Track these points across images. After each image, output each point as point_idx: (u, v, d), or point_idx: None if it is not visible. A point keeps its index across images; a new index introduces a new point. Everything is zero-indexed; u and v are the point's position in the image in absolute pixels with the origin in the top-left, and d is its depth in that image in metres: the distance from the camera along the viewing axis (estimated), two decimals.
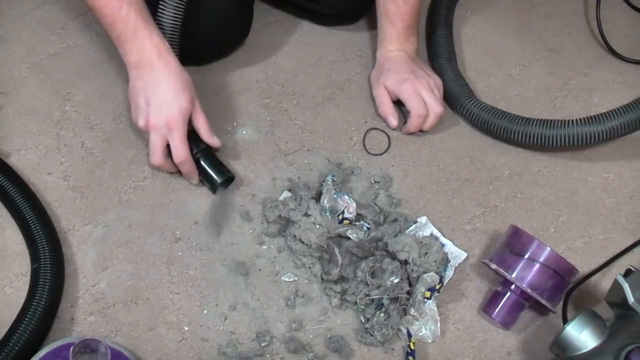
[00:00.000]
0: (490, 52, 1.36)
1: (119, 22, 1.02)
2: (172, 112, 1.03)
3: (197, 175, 1.09)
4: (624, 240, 1.10)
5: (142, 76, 1.04)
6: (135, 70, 1.05)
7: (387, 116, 1.21)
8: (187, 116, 1.04)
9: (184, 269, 1.03)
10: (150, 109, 1.03)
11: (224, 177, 1.08)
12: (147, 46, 1.03)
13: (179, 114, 1.03)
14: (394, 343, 0.99)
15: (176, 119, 1.03)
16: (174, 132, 1.03)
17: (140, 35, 1.03)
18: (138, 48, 1.03)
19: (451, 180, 1.16)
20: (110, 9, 1.02)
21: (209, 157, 1.09)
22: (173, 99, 1.03)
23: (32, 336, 0.91)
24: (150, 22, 1.04)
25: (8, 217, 1.05)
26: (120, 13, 1.02)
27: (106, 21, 1.04)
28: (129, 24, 1.02)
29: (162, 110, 1.03)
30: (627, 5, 1.46)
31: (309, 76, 1.28)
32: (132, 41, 1.03)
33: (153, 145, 1.05)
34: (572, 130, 1.11)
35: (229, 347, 0.96)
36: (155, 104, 1.03)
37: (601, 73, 1.34)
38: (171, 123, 1.03)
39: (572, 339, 0.87)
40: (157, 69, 1.03)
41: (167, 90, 1.03)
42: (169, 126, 1.03)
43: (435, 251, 1.01)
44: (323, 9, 1.31)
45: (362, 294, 0.99)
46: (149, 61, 1.03)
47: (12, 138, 1.14)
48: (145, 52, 1.03)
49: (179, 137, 1.04)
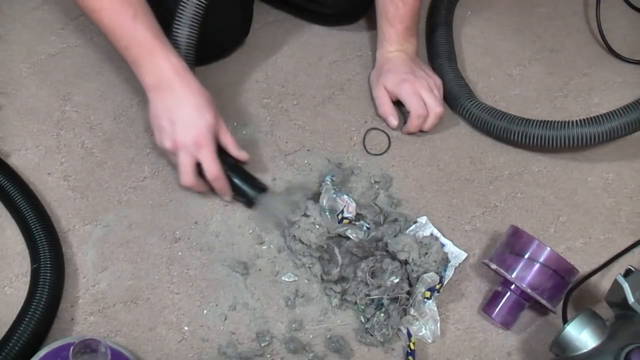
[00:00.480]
0: (490, 52, 1.36)
1: (134, 44, 1.01)
2: (200, 130, 1.01)
3: (230, 192, 1.07)
4: (624, 240, 1.10)
5: (163, 97, 1.02)
6: (155, 92, 1.03)
7: (388, 116, 1.21)
8: (214, 132, 1.02)
9: (184, 269, 1.03)
10: (176, 128, 1.01)
11: (258, 191, 1.07)
12: (164, 67, 1.01)
13: (206, 130, 1.01)
14: (394, 343, 0.99)
15: (205, 135, 1.01)
16: (203, 149, 1.01)
17: (157, 56, 1.01)
18: (155, 69, 1.01)
19: (451, 180, 1.16)
20: (124, 32, 1.01)
21: (239, 171, 1.07)
22: (199, 116, 1.01)
23: (32, 336, 0.91)
24: (166, 42, 1.03)
25: (8, 217, 1.05)
26: (135, 35, 1.00)
27: (121, 44, 1.02)
28: (145, 46, 1.01)
29: (189, 129, 1.01)
30: (627, 5, 1.46)
31: (309, 76, 1.28)
32: (149, 63, 1.01)
33: (183, 165, 1.02)
34: (572, 131, 1.11)
35: (229, 347, 0.96)
36: (181, 124, 1.01)
37: (601, 73, 1.34)
38: (200, 140, 1.01)
39: (572, 339, 0.87)
40: (177, 89, 1.01)
41: (190, 108, 1.01)
42: (198, 144, 1.01)
43: (435, 251, 1.01)
44: (323, 9, 1.31)
45: (362, 294, 0.99)
46: (168, 81, 1.01)
47: (12, 138, 1.14)
48: (164, 73, 1.01)
49: (209, 153, 1.02)
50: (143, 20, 1.01)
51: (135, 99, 1.21)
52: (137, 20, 1.00)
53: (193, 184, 1.04)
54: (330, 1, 1.29)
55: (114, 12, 1.00)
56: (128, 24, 1.00)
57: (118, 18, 1.00)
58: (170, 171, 1.12)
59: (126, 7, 1.00)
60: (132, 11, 1.00)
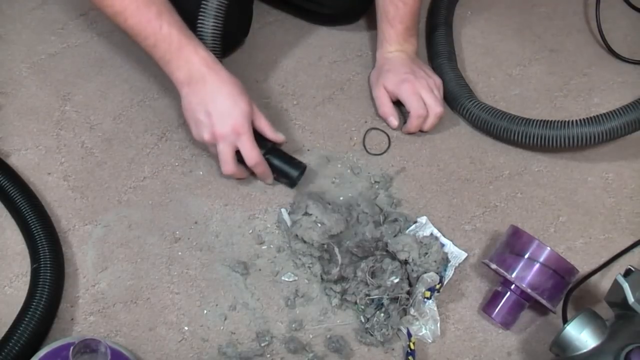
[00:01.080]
0: (490, 52, 1.36)
1: (162, 42, 1.02)
2: (237, 118, 1.02)
3: (271, 175, 1.09)
4: (624, 240, 1.10)
5: (196, 91, 1.03)
6: (187, 87, 1.04)
7: (388, 117, 1.21)
8: (250, 118, 1.04)
9: (184, 269, 1.03)
10: (214, 120, 1.02)
11: (300, 170, 1.09)
12: (194, 61, 1.02)
13: (243, 118, 1.03)
14: (394, 343, 0.99)
15: (242, 123, 1.03)
16: (242, 136, 1.03)
17: (186, 51, 1.02)
18: (186, 64, 1.02)
19: (451, 180, 1.16)
20: (150, 30, 1.01)
21: (278, 153, 1.10)
22: (234, 105, 1.03)
23: (32, 336, 0.91)
24: (193, 36, 1.04)
25: (8, 217, 1.05)
26: (162, 32, 1.01)
27: (148, 43, 1.03)
28: (173, 42, 1.02)
29: (226, 119, 1.02)
30: (627, 5, 1.46)
31: (309, 76, 1.28)
32: (179, 59, 1.02)
33: (223, 154, 1.04)
34: (572, 131, 1.11)
35: (229, 347, 0.96)
36: (218, 115, 1.02)
37: (601, 73, 1.34)
38: (238, 128, 1.02)
39: (572, 339, 0.87)
40: (209, 81, 1.03)
41: (225, 98, 1.03)
42: (236, 132, 1.03)
43: (435, 251, 1.01)
44: (323, 9, 1.31)
45: (362, 294, 0.99)
46: (200, 75, 1.03)
47: (12, 138, 1.14)
48: (194, 67, 1.02)
49: (248, 140, 1.04)
50: (168, 18, 1.02)
51: (135, 99, 1.21)
52: (162, 18, 1.01)
53: (234, 171, 1.06)
54: (329, 1, 1.29)
55: (139, 12, 1.01)
56: (153, 22, 1.01)
57: (143, 17, 1.01)
58: (171, 171, 1.13)
59: (150, 6, 1.01)
60: (156, 9, 1.01)
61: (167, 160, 1.14)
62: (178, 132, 1.17)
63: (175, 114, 1.19)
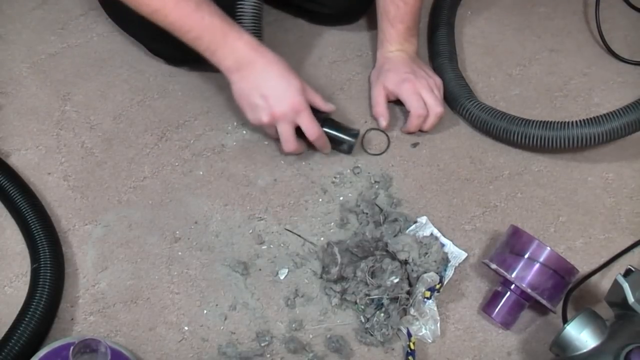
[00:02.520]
0: (490, 52, 1.36)
1: (205, 33, 1.02)
2: (293, 95, 1.05)
3: (329, 145, 1.13)
4: (624, 240, 1.10)
5: (246, 77, 1.05)
6: (237, 73, 1.05)
7: (378, 117, 1.21)
8: (304, 93, 1.06)
9: (184, 269, 1.03)
10: (271, 101, 1.04)
11: (354, 137, 1.13)
12: (240, 47, 1.04)
13: (299, 94, 1.05)
14: (394, 343, 0.99)
15: (300, 100, 1.05)
16: (301, 113, 1.05)
17: (231, 38, 1.03)
18: (233, 51, 1.03)
19: (451, 180, 1.16)
20: (192, 23, 1.02)
21: (332, 123, 1.13)
22: (288, 84, 1.05)
23: (32, 336, 0.91)
24: (234, 23, 1.05)
25: (8, 217, 1.05)
26: (204, 23, 1.02)
27: (191, 36, 1.03)
28: (216, 31, 1.02)
29: (283, 98, 1.04)
30: (627, 5, 1.46)
31: (309, 76, 1.27)
32: (224, 47, 1.03)
33: (284, 133, 1.07)
34: (572, 131, 1.11)
35: (229, 347, 0.96)
36: (274, 96, 1.04)
37: (601, 73, 1.34)
38: (297, 105, 1.05)
39: (572, 339, 0.87)
40: (258, 64, 1.04)
41: (277, 78, 1.05)
42: (295, 110, 1.05)
43: (435, 251, 1.01)
44: (322, 9, 1.31)
45: (362, 293, 0.99)
46: (248, 60, 1.04)
47: (12, 138, 1.14)
48: (241, 53, 1.04)
49: (307, 116, 1.06)
50: (207, 8, 1.03)
51: (135, 99, 1.21)
52: (202, 9, 1.02)
53: (296, 148, 1.10)
54: (329, 1, 1.29)
55: (178, 7, 1.01)
56: (194, 15, 1.01)
57: (183, 11, 1.02)
58: (171, 171, 1.13)
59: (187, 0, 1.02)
60: (194, 1, 1.02)
61: (167, 160, 1.14)
62: (178, 132, 1.17)
63: (175, 114, 1.19)
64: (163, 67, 1.25)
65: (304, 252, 1.06)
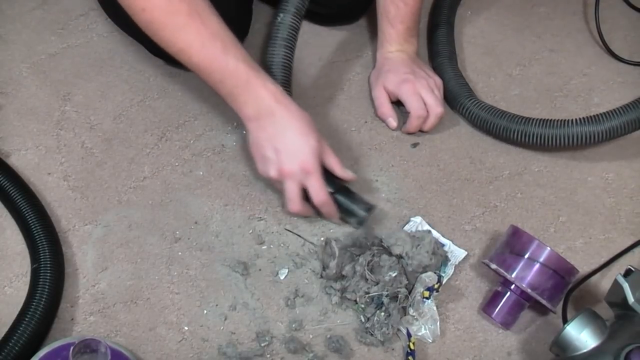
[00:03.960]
0: (490, 52, 1.36)
1: (229, 77, 0.98)
2: (306, 156, 0.99)
3: (338, 215, 1.06)
4: (624, 240, 1.10)
5: (264, 127, 1.00)
6: (256, 122, 1.00)
7: (387, 117, 1.21)
8: (320, 156, 1.01)
9: (184, 269, 1.03)
10: (282, 157, 0.99)
11: (367, 211, 1.05)
12: (263, 95, 0.99)
13: (312, 156, 1.00)
14: (394, 343, 0.99)
15: (311, 162, 0.99)
16: (311, 175, 1.00)
17: (254, 85, 0.99)
18: (254, 99, 0.99)
19: (451, 180, 1.16)
20: (217, 67, 0.98)
21: (346, 192, 1.06)
22: (303, 143, 0.99)
23: (32, 336, 0.91)
24: (260, 70, 1.01)
25: (8, 217, 1.05)
26: (229, 68, 0.97)
27: (215, 78, 0.99)
28: (240, 77, 0.98)
29: (294, 157, 0.99)
30: (626, 5, 1.46)
31: (309, 76, 1.28)
32: (247, 93, 0.99)
33: (290, 192, 1.01)
34: (572, 129, 1.11)
35: (229, 347, 0.96)
36: (286, 152, 0.99)
37: (601, 73, 1.34)
38: (307, 167, 0.99)
39: (572, 339, 0.87)
40: (278, 116, 0.99)
41: (294, 135, 0.99)
42: (305, 170, 1.00)
43: (427, 243, 1.00)
44: (322, 9, 1.31)
45: (362, 291, 0.99)
46: (269, 110, 0.99)
47: (12, 138, 1.14)
48: (263, 102, 0.99)
49: (316, 179, 1.00)
50: (234, 52, 0.98)
51: (135, 99, 1.21)
52: (229, 53, 0.98)
53: (300, 210, 1.03)
54: (329, 1, 1.29)
55: (204, 49, 0.97)
56: (220, 58, 0.97)
57: (209, 54, 0.97)
58: (171, 171, 1.13)
59: (215, 41, 0.97)
60: (221, 45, 0.97)
61: (167, 160, 1.14)
62: (178, 132, 1.17)
63: (175, 114, 1.19)
64: (163, 67, 1.25)
65: (304, 252, 1.06)
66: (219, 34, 0.98)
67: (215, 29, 0.98)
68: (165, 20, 0.97)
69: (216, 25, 0.98)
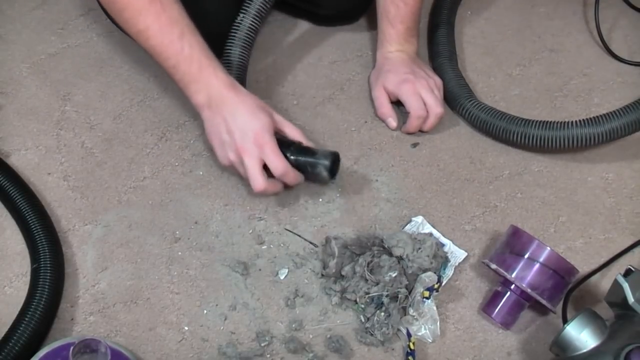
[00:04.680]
0: (490, 52, 1.36)
1: (182, 63, 1.01)
2: (256, 130, 1.00)
3: (302, 179, 1.06)
4: (624, 240, 1.10)
5: (217, 113, 1.02)
6: (208, 110, 1.03)
7: (387, 117, 1.21)
8: (271, 129, 1.02)
9: (184, 269, 1.03)
10: (235, 136, 1.01)
11: (331, 158, 1.04)
12: (214, 83, 1.02)
13: (263, 129, 1.01)
14: (394, 343, 0.99)
15: (262, 135, 1.00)
16: (265, 147, 1.00)
17: (206, 73, 1.01)
18: (206, 87, 1.02)
19: (451, 180, 1.16)
20: (172, 52, 1.01)
21: (305, 151, 1.05)
22: (254, 119, 1.01)
23: (32, 336, 0.91)
24: (214, 58, 1.03)
25: (8, 217, 1.05)
26: (184, 54, 1.00)
27: (169, 64, 1.02)
28: (193, 64, 1.01)
29: (246, 133, 1.00)
30: (626, 5, 1.46)
31: (309, 76, 1.28)
32: (199, 81, 1.02)
33: (251, 169, 1.01)
34: (572, 131, 1.11)
35: (229, 347, 0.96)
36: (239, 131, 1.01)
37: (601, 73, 1.34)
38: (260, 140, 1.00)
39: (572, 339, 0.87)
40: (229, 102, 1.02)
41: (244, 114, 1.01)
42: (258, 144, 1.00)
43: (429, 246, 1.01)
44: (321, 10, 1.31)
45: (362, 292, 0.99)
46: (220, 97, 1.02)
47: (12, 138, 1.14)
48: (214, 90, 1.02)
49: (271, 150, 1.01)
50: (190, 39, 1.01)
51: (135, 99, 1.21)
52: (185, 39, 1.00)
53: (265, 186, 1.02)
54: (329, 2, 1.29)
55: (161, 33, 1.00)
56: (176, 43, 1.00)
57: (165, 38, 1.00)
58: (171, 171, 1.13)
59: (173, 27, 1.00)
60: (179, 30, 1.00)
61: (167, 160, 1.14)
62: (178, 132, 1.17)
63: (175, 114, 1.19)
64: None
65: (304, 252, 1.06)
66: (178, 20, 1.01)
67: (175, 16, 1.01)
68: (127, 1, 1.00)
69: (176, 12, 1.01)
